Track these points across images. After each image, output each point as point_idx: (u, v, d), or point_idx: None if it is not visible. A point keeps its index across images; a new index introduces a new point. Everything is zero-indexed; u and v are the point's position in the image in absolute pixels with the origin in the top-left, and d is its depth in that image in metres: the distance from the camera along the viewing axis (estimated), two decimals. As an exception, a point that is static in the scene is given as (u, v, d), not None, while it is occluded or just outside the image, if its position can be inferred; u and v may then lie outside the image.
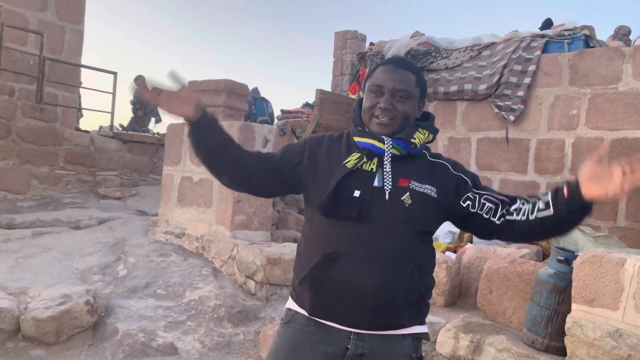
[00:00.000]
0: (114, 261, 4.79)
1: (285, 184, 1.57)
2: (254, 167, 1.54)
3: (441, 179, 1.48)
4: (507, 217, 1.43)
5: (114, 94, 9.06)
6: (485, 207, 1.46)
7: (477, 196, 1.47)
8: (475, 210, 1.46)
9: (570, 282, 2.60)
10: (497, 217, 1.45)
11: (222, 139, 1.53)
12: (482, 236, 1.53)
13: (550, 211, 1.35)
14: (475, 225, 1.50)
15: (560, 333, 2.59)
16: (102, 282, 4.39)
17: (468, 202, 1.47)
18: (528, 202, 1.43)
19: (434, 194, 1.44)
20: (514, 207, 1.44)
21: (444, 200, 1.46)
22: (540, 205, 1.38)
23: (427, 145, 1.56)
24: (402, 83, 1.48)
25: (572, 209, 1.32)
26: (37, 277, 4.36)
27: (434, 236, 4.82)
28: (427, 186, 1.44)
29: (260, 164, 1.55)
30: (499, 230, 1.45)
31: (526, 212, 1.40)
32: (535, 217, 1.38)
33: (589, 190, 1.28)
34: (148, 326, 3.64)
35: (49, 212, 6.50)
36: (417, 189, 1.43)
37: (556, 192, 1.37)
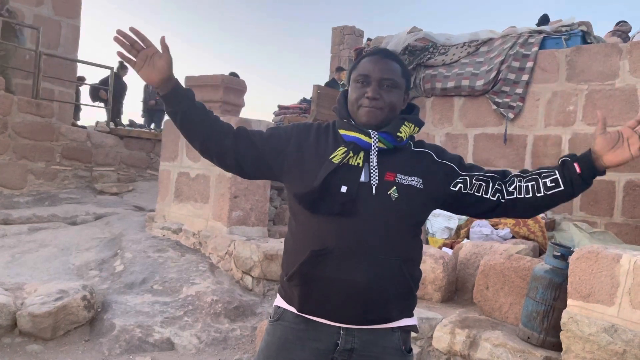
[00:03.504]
0: (111, 257, 4.79)
1: (268, 170, 1.54)
2: (230, 145, 1.52)
3: (426, 169, 1.48)
4: (508, 197, 1.46)
5: (110, 89, 9.04)
6: (476, 186, 1.48)
7: (467, 177, 1.49)
8: (466, 191, 1.48)
9: (566, 277, 2.61)
10: (490, 194, 1.47)
11: (195, 111, 1.53)
12: (479, 215, 1.55)
13: (561, 187, 1.41)
14: (469, 206, 1.51)
15: (556, 328, 2.59)
16: (99, 277, 4.38)
17: (459, 185, 1.48)
18: (524, 178, 1.47)
19: (419, 185, 1.44)
20: (512, 186, 1.47)
21: (430, 190, 1.46)
22: (548, 182, 1.43)
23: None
24: (389, 72, 1.48)
25: (586, 181, 1.42)
26: (33, 272, 4.36)
27: (431, 232, 4.78)
28: (412, 178, 1.44)
29: (238, 144, 1.53)
30: (499, 207, 1.47)
31: (531, 190, 1.44)
32: (545, 194, 1.42)
33: (610, 159, 1.39)
34: (145, 321, 3.64)
35: (46, 207, 6.49)
36: (403, 182, 1.43)
37: (562, 168, 1.43)
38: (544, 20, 7.15)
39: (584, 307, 2.47)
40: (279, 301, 1.53)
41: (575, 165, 1.41)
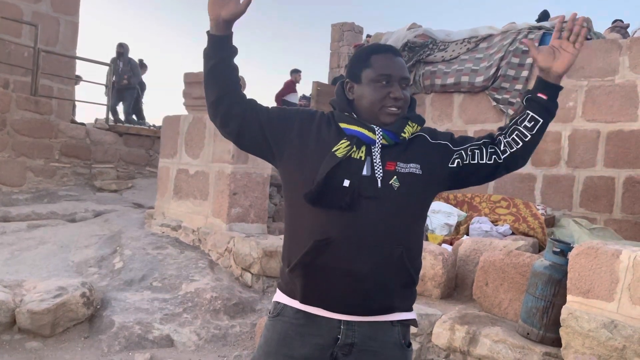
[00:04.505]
0: (110, 254, 4.78)
1: (267, 149, 1.52)
2: (239, 112, 1.50)
3: (423, 153, 1.49)
4: (505, 156, 1.50)
5: (109, 85, 9.02)
6: (471, 155, 1.51)
7: (462, 151, 1.51)
8: (464, 163, 1.50)
9: (565, 273, 2.61)
10: (486, 159, 1.50)
11: (230, 65, 1.51)
12: (483, 180, 1.58)
13: (541, 120, 1.48)
14: (470, 176, 1.53)
15: (556, 324, 2.59)
16: (98, 274, 4.38)
17: (457, 160, 1.50)
18: (507, 134, 1.52)
19: (418, 171, 1.45)
20: (501, 145, 1.51)
21: (430, 174, 1.47)
22: (528, 124, 1.48)
23: None
24: (406, 71, 1.50)
25: (554, 100, 1.49)
26: (32, 269, 4.35)
27: (430, 229, 4.74)
28: (411, 165, 1.45)
29: (245, 114, 1.51)
30: (500, 167, 1.51)
31: (518, 139, 1.49)
32: (531, 134, 1.48)
33: (558, 65, 1.46)
34: (144, 318, 3.64)
35: (45, 204, 6.48)
36: (402, 170, 1.44)
37: (532, 105, 1.49)
38: (544, 16, 7.14)
39: (584, 303, 2.47)
40: (279, 296, 1.53)
41: (540, 95, 1.49)
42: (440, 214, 4.77)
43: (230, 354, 3.44)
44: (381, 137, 1.44)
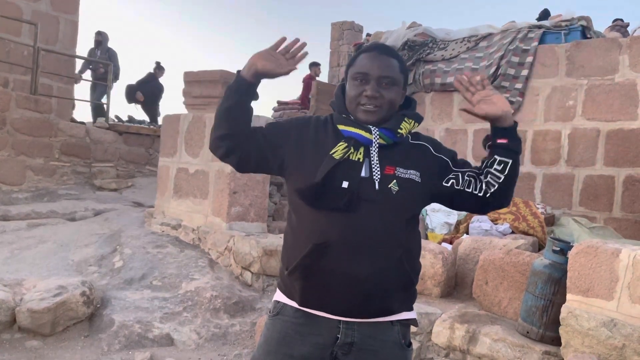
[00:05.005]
0: (110, 253, 4.78)
1: (267, 167, 1.55)
2: (237, 143, 1.52)
3: (424, 162, 1.50)
4: (487, 196, 1.50)
5: (109, 85, 9.01)
6: (467, 182, 1.51)
7: (460, 173, 1.51)
8: (458, 188, 1.50)
9: (565, 272, 2.61)
10: (477, 190, 1.50)
11: (247, 110, 1.54)
12: (476, 211, 1.59)
13: (509, 161, 1.47)
14: (463, 202, 1.53)
15: (555, 323, 2.60)
16: (98, 273, 4.38)
17: (452, 181, 1.50)
18: (483, 174, 1.52)
19: (417, 179, 1.46)
20: (484, 185, 1.51)
21: (427, 184, 1.48)
22: (498, 167, 1.48)
23: None
24: (388, 69, 1.48)
25: (515, 138, 1.50)
26: (32, 268, 4.35)
27: (430, 227, 4.76)
28: (411, 171, 1.46)
29: (242, 145, 1.52)
30: (487, 203, 1.51)
31: (493, 181, 1.49)
32: (505, 176, 1.48)
33: (505, 113, 1.47)
34: (144, 317, 3.64)
35: (45, 203, 6.48)
36: (402, 175, 1.44)
37: (497, 151, 1.49)
38: (545, 14, 7.14)
39: (583, 301, 2.47)
40: (279, 296, 1.53)
41: (500, 141, 1.49)
42: (440, 213, 4.78)
43: (230, 353, 3.44)
44: (378, 136, 1.44)
